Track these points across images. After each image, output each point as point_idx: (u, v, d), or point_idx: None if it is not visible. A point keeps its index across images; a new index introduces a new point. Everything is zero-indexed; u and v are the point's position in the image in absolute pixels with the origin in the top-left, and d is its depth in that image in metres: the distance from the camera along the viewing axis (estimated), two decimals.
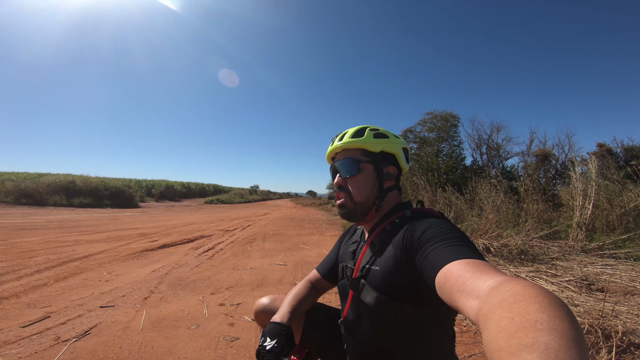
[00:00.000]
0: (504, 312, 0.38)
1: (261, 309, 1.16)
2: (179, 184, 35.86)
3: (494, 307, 0.41)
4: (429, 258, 0.67)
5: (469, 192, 7.11)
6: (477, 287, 0.50)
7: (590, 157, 5.52)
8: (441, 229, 0.73)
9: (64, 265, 3.91)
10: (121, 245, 5.47)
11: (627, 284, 2.69)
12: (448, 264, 0.60)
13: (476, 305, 0.47)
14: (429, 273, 0.66)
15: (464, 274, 0.55)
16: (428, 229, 0.75)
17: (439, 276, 0.60)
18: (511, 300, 0.40)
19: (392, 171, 0.98)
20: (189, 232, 7.48)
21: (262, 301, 1.17)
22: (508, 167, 11.52)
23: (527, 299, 0.38)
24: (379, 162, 0.97)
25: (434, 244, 0.69)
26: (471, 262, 0.58)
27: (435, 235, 0.72)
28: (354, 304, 0.93)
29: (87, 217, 11.13)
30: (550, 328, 0.34)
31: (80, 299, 2.76)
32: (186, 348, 1.94)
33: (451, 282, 0.56)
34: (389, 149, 0.97)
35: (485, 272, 0.52)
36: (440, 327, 0.85)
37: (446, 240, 0.68)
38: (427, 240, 0.72)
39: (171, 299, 2.82)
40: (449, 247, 0.66)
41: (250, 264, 4.25)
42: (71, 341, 1.99)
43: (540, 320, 0.35)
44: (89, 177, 21.31)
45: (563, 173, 9.27)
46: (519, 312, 0.37)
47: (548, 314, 0.35)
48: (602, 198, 4.81)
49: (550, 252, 3.99)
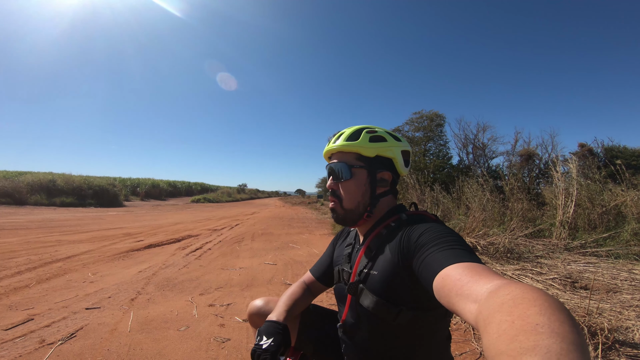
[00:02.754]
0: (504, 316, 0.38)
1: (255, 312, 1.15)
2: (165, 183, 35.31)
3: (494, 311, 0.40)
4: (426, 262, 0.67)
5: (456, 191, 7.22)
6: (475, 290, 0.50)
7: (571, 157, 5.66)
8: (437, 232, 0.73)
9: (46, 266, 3.80)
10: (106, 246, 5.34)
11: (609, 282, 2.78)
12: (445, 268, 0.60)
13: (475, 309, 0.47)
14: (426, 277, 0.66)
15: (462, 277, 0.55)
16: (425, 233, 0.75)
17: (437, 280, 0.60)
18: (511, 303, 0.39)
19: (386, 177, 0.96)
20: (176, 232, 7.36)
21: (256, 303, 1.16)
22: (493, 166, 11.77)
23: (526, 302, 0.38)
24: (374, 167, 0.94)
25: (431, 248, 0.69)
26: (469, 265, 0.58)
27: (432, 238, 0.72)
28: (353, 308, 0.92)
29: (70, 217, 10.84)
30: (552, 331, 0.33)
31: (64, 301, 2.68)
32: (176, 350, 1.90)
33: (449, 286, 0.56)
34: (385, 154, 0.94)
35: (484, 276, 0.52)
36: (438, 329, 0.85)
37: (443, 244, 0.68)
38: (424, 244, 0.72)
39: (159, 300, 2.77)
40: (446, 251, 0.66)
41: (239, 264, 4.20)
42: (57, 344, 1.93)
43: (541, 324, 0.34)
44: (71, 175, 20.79)
45: (546, 172, 9.51)
46: (519, 315, 0.37)
47: (548, 317, 0.35)
48: (583, 197, 4.94)
49: (535, 250, 4.09)
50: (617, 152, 10.55)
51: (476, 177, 7.06)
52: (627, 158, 9.91)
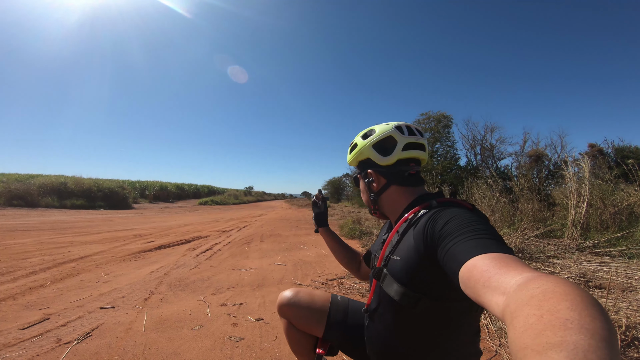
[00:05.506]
0: (532, 310, 0.36)
1: (285, 302, 1.18)
2: (172, 185, 35.58)
3: (522, 304, 0.39)
4: (452, 251, 0.64)
5: (465, 192, 7.16)
6: (504, 282, 0.48)
7: (583, 157, 5.60)
8: (466, 220, 0.70)
9: (60, 267, 3.86)
10: (117, 247, 5.41)
11: (624, 281, 2.74)
12: (472, 258, 0.57)
13: (502, 301, 0.45)
14: (451, 267, 0.63)
15: (490, 269, 0.52)
16: (451, 220, 0.72)
17: (463, 271, 0.58)
18: (540, 297, 0.38)
19: (372, 175, 1.02)
20: (185, 233, 7.42)
21: (286, 294, 1.20)
22: (502, 167, 11.67)
23: (557, 297, 0.37)
24: (362, 170, 1.06)
25: (458, 237, 0.66)
26: (497, 256, 0.55)
27: (458, 227, 0.68)
28: (377, 293, 0.93)
29: (81, 219, 10.98)
30: (581, 327, 0.32)
31: (79, 300, 2.73)
32: (191, 349, 1.93)
33: (476, 277, 0.53)
34: (361, 157, 1.05)
35: (513, 268, 0.50)
36: (462, 322, 0.83)
37: (470, 233, 0.65)
38: (449, 232, 0.69)
39: (172, 299, 2.80)
40: (473, 240, 0.62)
41: (249, 264, 4.23)
42: (73, 343, 1.96)
43: (571, 319, 0.33)
44: (81, 178, 21.04)
45: (556, 173, 9.41)
46: (549, 309, 0.35)
47: (579, 312, 0.34)
48: (595, 197, 4.88)
49: (546, 251, 4.04)
50: (628, 152, 10.38)
51: (485, 178, 7.01)
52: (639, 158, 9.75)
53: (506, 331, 1.95)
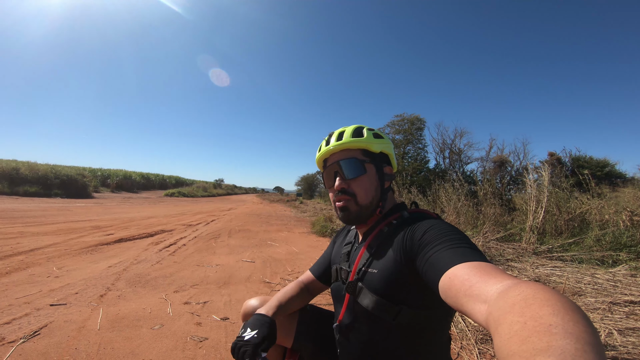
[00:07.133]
0: (516, 317, 0.37)
1: (250, 311, 1.11)
2: (137, 175, 34.10)
3: (505, 312, 0.39)
4: (431, 261, 0.65)
5: (432, 194, 7.38)
6: (485, 291, 0.49)
7: (543, 165, 5.93)
8: (442, 230, 0.72)
9: (6, 260, 3.56)
10: (72, 239, 5.08)
11: (574, 285, 2.92)
12: (452, 267, 0.59)
13: (485, 309, 0.46)
14: (431, 276, 0.64)
15: (470, 277, 0.53)
16: (429, 230, 0.73)
17: (443, 280, 0.59)
18: (522, 304, 0.38)
19: (389, 171, 0.98)
20: (149, 226, 7.11)
21: (251, 302, 1.13)
22: (468, 171, 12.15)
23: (539, 303, 0.37)
24: (379, 162, 0.96)
25: (436, 246, 0.67)
26: (477, 264, 0.56)
27: (436, 237, 0.70)
28: (350, 308, 0.91)
29: (34, 207, 10.25)
30: (566, 332, 0.33)
31: (26, 297, 2.52)
32: (151, 349, 1.83)
33: (457, 287, 0.54)
34: (386, 150, 0.98)
35: (493, 276, 0.51)
36: (438, 329, 0.84)
37: (448, 242, 0.66)
38: (428, 242, 0.70)
39: (131, 296, 2.66)
40: (451, 250, 0.64)
41: (215, 261, 4.11)
42: (18, 342, 1.81)
43: (555, 324, 0.33)
44: (36, 164, 19.67)
45: (517, 179, 9.92)
46: (532, 316, 0.36)
47: (562, 317, 0.34)
48: (552, 204, 5.18)
49: (505, 254, 4.24)
50: (583, 161, 11.18)
51: (452, 181, 7.26)
52: (592, 168, 10.52)
53: (467, 334, 2.02)
